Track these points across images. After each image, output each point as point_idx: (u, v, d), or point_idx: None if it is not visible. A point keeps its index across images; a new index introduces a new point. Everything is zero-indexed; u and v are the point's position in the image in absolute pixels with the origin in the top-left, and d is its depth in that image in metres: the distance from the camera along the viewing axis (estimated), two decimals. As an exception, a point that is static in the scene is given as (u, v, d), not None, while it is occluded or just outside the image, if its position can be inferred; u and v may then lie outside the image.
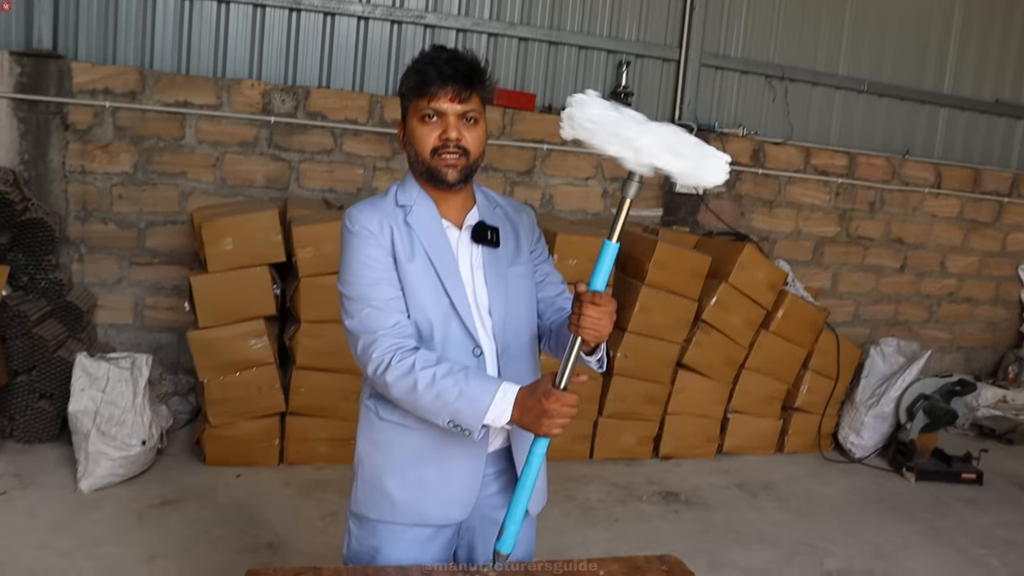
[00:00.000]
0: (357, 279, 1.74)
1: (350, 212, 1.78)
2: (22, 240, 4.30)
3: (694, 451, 4.85)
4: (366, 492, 1.86)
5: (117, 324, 4.86)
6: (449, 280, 1.77)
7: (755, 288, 4.74)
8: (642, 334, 4.59)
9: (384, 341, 1.70)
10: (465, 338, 1.79)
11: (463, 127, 1.76)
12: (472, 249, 1.84)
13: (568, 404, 1.63)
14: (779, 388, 4.96)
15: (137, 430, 3.85)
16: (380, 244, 1.74)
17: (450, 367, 1.67)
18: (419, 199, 1.81)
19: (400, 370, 1.67)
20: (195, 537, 3.46)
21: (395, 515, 1.83)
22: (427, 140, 1.75)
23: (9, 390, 4.12)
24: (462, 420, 1.66)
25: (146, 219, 4.78)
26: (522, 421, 1.65)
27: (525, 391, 1.66)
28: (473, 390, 1.65)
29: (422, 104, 1.74)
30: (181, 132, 4.75)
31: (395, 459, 1.83)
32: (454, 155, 1.75)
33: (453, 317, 1.78)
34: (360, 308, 1.74)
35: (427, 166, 1.77)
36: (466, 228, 1.84)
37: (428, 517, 1.83)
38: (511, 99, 5.24)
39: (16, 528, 3.41)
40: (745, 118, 5.85)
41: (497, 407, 1.65)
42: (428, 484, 1.82)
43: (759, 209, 5.80)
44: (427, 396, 1.66)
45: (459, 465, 1.82)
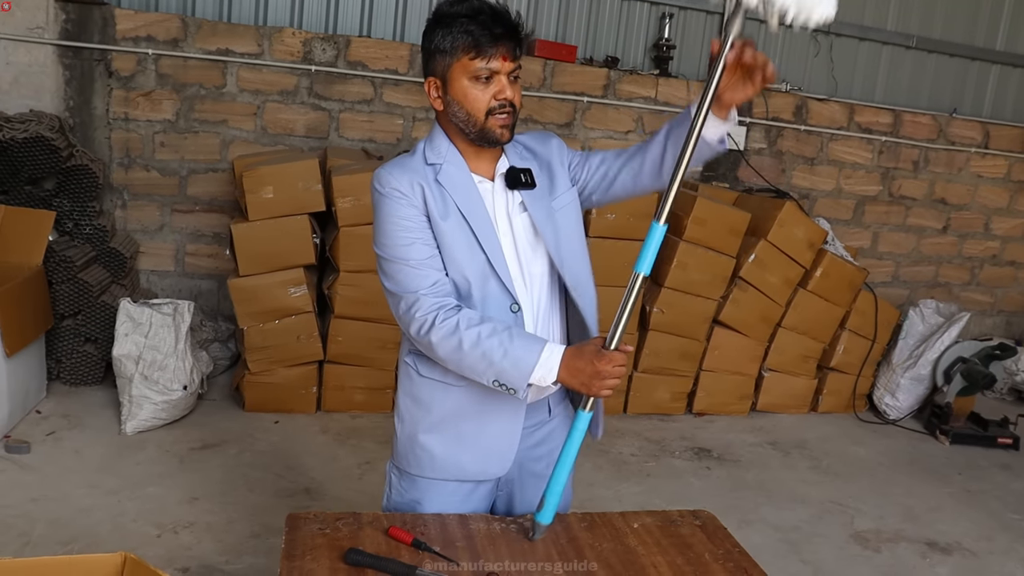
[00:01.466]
0: (392, 240, 1.74)
1: (379, 174, 1.77)
2: (67, 186, 4.35)
3: (728, 408, 4.86)
4: (406, 447, 1.89)
5: (159, 270, 4.94)
6: (484, 236, 1.77)
7: (794, 246, 4.69)
8: (679, 290, 4.58)
9: (426, 301, 1.71)
10: (503, 294, 1.79)
11: (511, 84, 1.75)
12: (508, 196, 1.83)
13: (618, 364, 1.64)
14: (815, 347, 4.93)
15: (179, 375, 3.93)
16: (412, 204, 1.73)
17: (494, 326, 1.68)
18: (448, 156, 1.79)
19: (444, 330, 1.68)
20: (234, 480, 3.55)
21: (434, 470, 1.87)
22: (482, 101, 1.72)
23: (55, 333, 4.22)
24: (507, 379, 1.67)
25: (187, 166, 4.82)
26: (570, 381, 1.67)
27: (572, 351, 1.67)
28: (518, 349, 1.66)
29: (476, 64, 1.70)
30: (222, 80, 4.76)
31: (434, 415, 1.85)
32: (507, 114, 1.74)
33: (490, 274, 1.78)
34: (398, 268, 1.74)
35: (480, 127, 1.74)
36: (498, 177, 1.83)
37: (467, 472, 1.86)
38: (552, 51, 5.17)
39: (65, 467, 3.53)
40: (788, 73, 5.73)
41: (543, 367, 1.66)
42: (467, 440, 1.85)
43: (800, 166, 5.70)
44: (472, 355, 1.67)
45: (498, 421, 1.84)
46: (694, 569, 1.73)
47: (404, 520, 1.82)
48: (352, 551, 1.64)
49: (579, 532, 1.83)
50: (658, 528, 1.89)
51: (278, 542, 3.05)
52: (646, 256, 1.65)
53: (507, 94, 1.73)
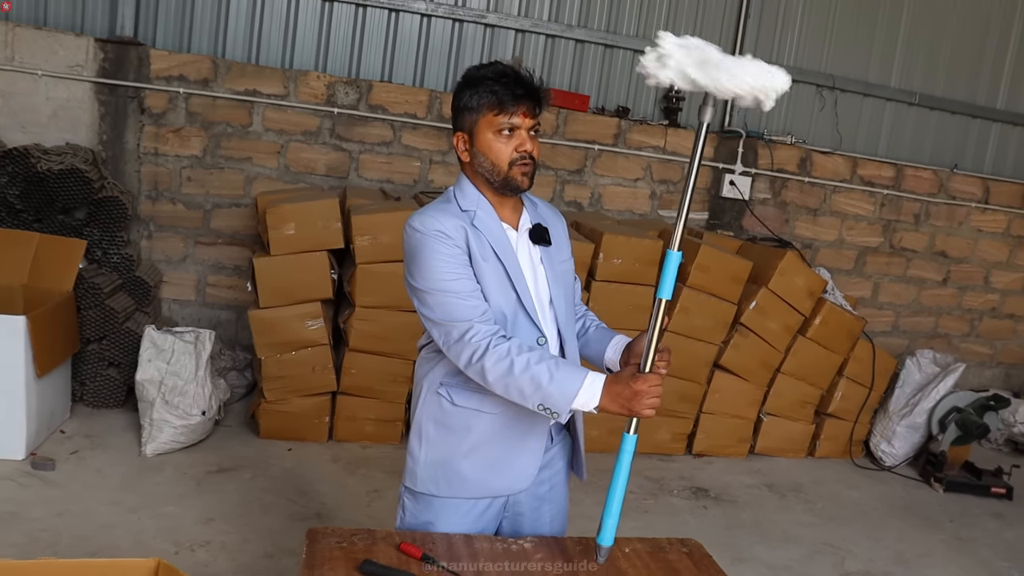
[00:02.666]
0: (438, 275, 1.90)
1: (420, 218, 1.94)
2: (98, 216, 4.56)
3: (726, 450, 4.99)
4: (433, 472, 2.03)
5: (180, 300, 5.13)
6: (515, 276, 1.96)
7: (794, 294, 4.85)
8: (681, 334, 4.73)
9: (480, 328, 1.87)
10: (531, 328, 1.98)
11: (531, 138, 1.96)
12: (530, 248, 2.03)
13: (654, 384, 1.81)
14: (813, 393, 5.07)
15: (198, 401, 4.10)
16: (456, 244, 1.91)
17: (541, 355, 1.85)
18: (480, 204, 1.99)
19: (497, 354, 1.84)
20: (248, 503, 3.70)
21: (465, 490, 2.02)
22: (504, 153, 1.94)
23: (81, 357, 4.40)
24: (551, 403, 1.83)
25: (212, 201, 5.04)
26: (612, 406, 1.82)
27: (612, 378, 1.84)
28: (563, 377, 1.82)
29: (500, 120, 1.92)
30: (249, 119, 4.99)
31: (469, 440, 2.01)
32: (527, 165, 1.96)
33: (520, 310, 1.97)
34: (446, 301, 1.90)
35: (504, 176, 1.95)
36: (523, 230, 2.03)
37: (495, 489, 2.04)
38: (565, 100, 5.40)
39: (88, 484, 3.68)
40: (794, 126, 5.94)
41: (586, 392, 1.82)
42: (497, 460, 2.02)
43: (803, 217, 5.89)
44: (522, 379, 1.82)
45: (524, 444, 2.02)
46: (680, 592, 1.87)
47: (415, 538, 1.97)
48: (367, 562, 1.79)
49: (574, 554, 1.97)
50: (648, 553, 2.04)
51: (290, 562, 3.23)
52: (665, 282, 1.82)
53: (527, 147, 1.94)
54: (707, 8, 5.71)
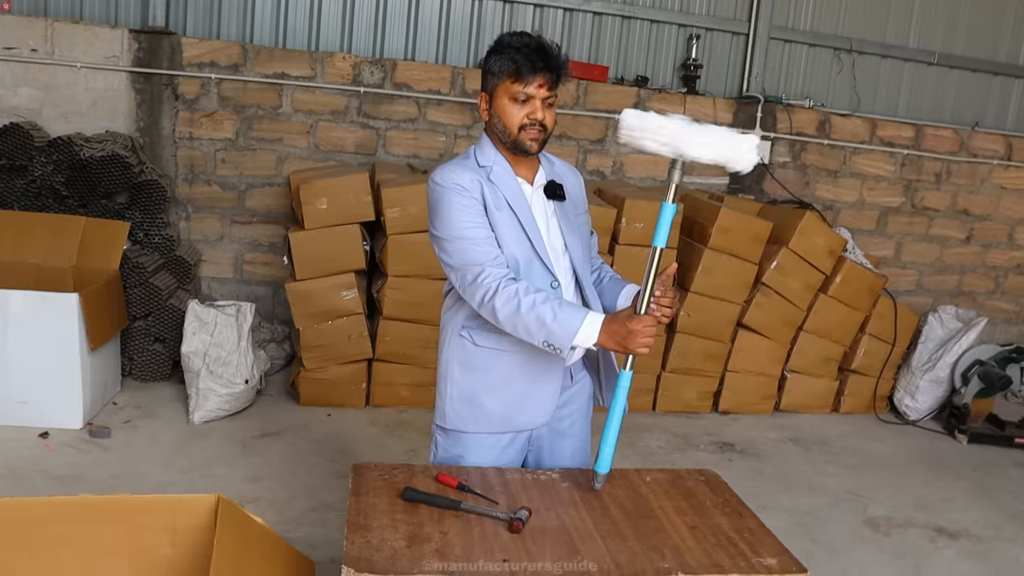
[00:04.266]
0: (456, 223, 2.08)
1: (441, 172, 2.12)
2: (138, 200, 4.77)
3: (752, 407, 5.11)
4: (460, 408, 2.21)
5: (219, 277, 5.34)
6: (529, 226, 2.12)
7: (815, 254, 4.95)
8: (704, 295, 4.85)
9: (492, 271, 2.04)
10: (544, 273, 2.14)
11: (545, 108, 2.11)
12: (544, 202, 2.18)
13: (649, 325, 1.96)
14: (836, 350, 5.17)
15: (241, 370, 4.30)
16: (473, 196, 2.08)
17: (548, 295, 2.01)
18: (497, 160, 2.16)
19: (507, 294, 2.01)
20: (292, 464, 3.90)
21: (489, 425, 2.20)
22: (516, 118, 2.10)
23: (128, 333, 4.62)
24: (555, 340, 1.99)
25: (246, 181, 5.23)
26: (609, 343, 1.98)
27: (610, 318, 1.99)
28: (566, 315, 1.98)
29: (515, 87, 2.07)
30: (278, 101, 5.16)
31: (491, 378, 2.19)
32: (536, 131, 2.11)
33: (534, 256, 2.13)
34: (462, 247, 2.07)
35: (513, 139, 2.12)
36: (537, 186, 2.19)
37: (518, 424, 2.20)
38: (585, 71, 5.51)
39: (142, 450, 3.91)
40: (812, 90, 6.01)
41: (585, 330, 1.98)
42: (518, 396, 2.19)
43: (824, 179, 5.96)
44: (528, 317, 1.99)
45: (543, 380, 2.18)
46: (695, 511, 2.03)
47: (450, 470, 2.14)
48: (408, 489, 1.96)
49: (599, 483, 2.13)
50: (667, 481, 2.19)
51: (334, 515, 3.43)
52: (660, 231, 1.97)
53: (537, 115, 2.10)
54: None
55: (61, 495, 3.26)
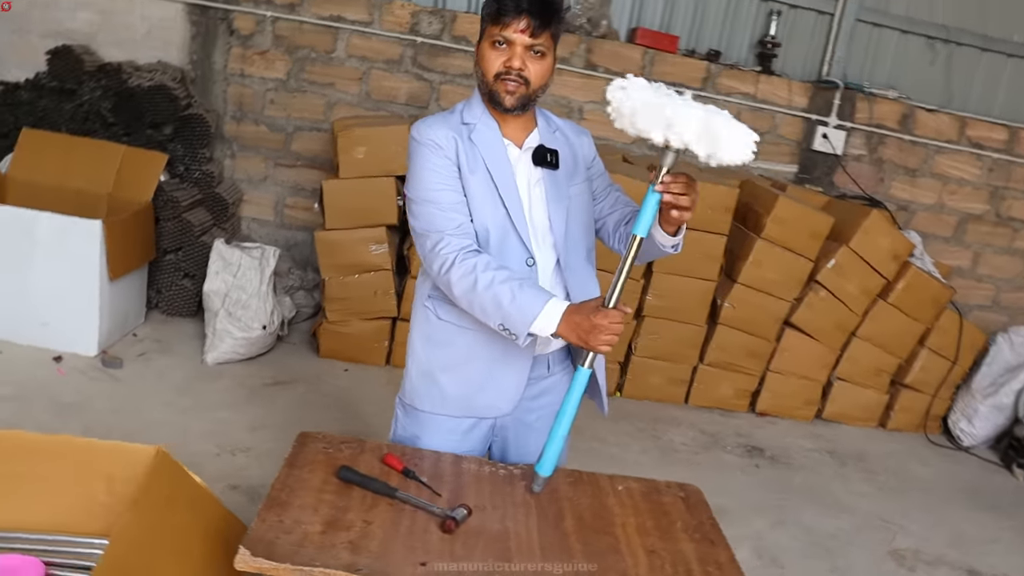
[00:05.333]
0: (424, 184, 1.89)
1: (418, 126, 1.93)
2: (182, 133, 4.71)
3: (791, 412, 4.82)
4: (419, 384, 2.05)
5: (259, 219, 5.27)
6: (507, 193, 1.91)
7: (877, 256, 4.59)
8: (752, 287, 4.56)
9: (451, 241, 1.85)
10: (520, 248, 1.93)
11: (529, 58, 1.88)
12: (530, 169, 1.96)
13: (614, 320, 1.74)
14: (890, 361, 4.82)
15: (259, 315, 4.22)
16: (446, 155, 1.89)
17: (509, 274, 1.81)
18: (483, 118, 1.94)
19: (463, 269, 1.81)
20: (296, 417, 3.80)
21: (446, 407, 2.02)
22: (492, 64, 1.88)
23: (158, 266, 4.58)
24: (511, 324, 1.79)
25: (294, 124, 5.12)
26: (569, 335, 1.77)
27: (574, 307, 1.78)
28: (526, 298, 1.78)
29: (494, 30, 1.86)
30: (333, 45, 5.02)
31: (451, 355, 2.00)
32: (515, 83, 1.88)
33: (509, 227, 1.91)
34: (427, 210, 1.89)
35: (489, 88, 1.91)
36: (526, 149, 1.97)
37: (476, 409, 2.01)
38: (653, 39, 5.21)
39: (149, 385, 3.86)
40: (898, 80, 5.56)
41: (544, 318, 1.77)
42: (479, 378, 1.99)
43: (901, 177, 5.53)
44: (484, 296, 1.79)
45: (508, 363, 1.98)
46: (661, 533, 1.81)
47: (403, 451, 1.97)
48: (344, 468, 1.80)
49: (562, 486, 1.93)
50: (641, 494, 1.98)
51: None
52: (641, 221, 1.75)
53: (514, 63, 1.87)
54: (812, -52, 5.38)
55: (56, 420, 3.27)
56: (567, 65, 5.10)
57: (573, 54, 5.12)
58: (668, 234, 1.85)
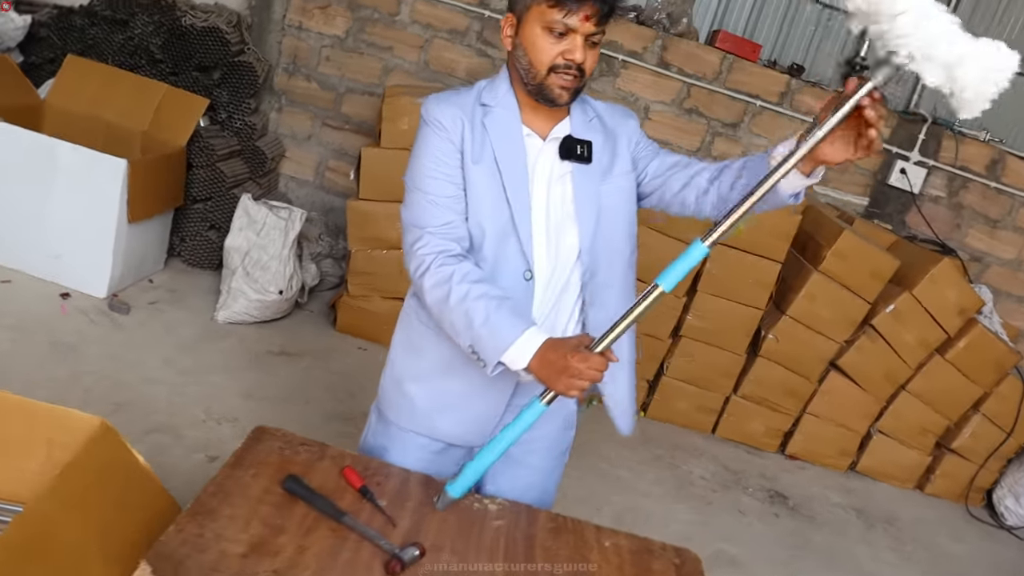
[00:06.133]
0: (420, 170, 1.67)
1: (428, 102, 1.69)
2: (230, 79, 4.53)
3: (824, 459, 4.49)
4: (390, 391, 1.84)
5: (298, 178, 5.08)
6: (514, 190, 1.65)
7: (941, 308, 4.23)
8: (801, 322, 4.24)
9: (431, 241, 1.62)
10: (519, 257, 1.67)
11: (587, 48, 1.62)
12: (554, 163, 1.70)
13: (595, 367, 1.49)
14: (938, 422, 4.46)
15: (278, 279, 4.03)
16: (450, 139, 1.65)
17: (487, 290, 1.56)
18: (504, 101, 1.69)
19: (438, 276, 1.59)
20: (296, 391, 3.61)
21: (412, 422, 1.79)
22: (547, 55, 1.61)
23: (184, 214, 4.42)
24: (480, 349, 1.56)
25: (346, 84, 4.92)
26: (540, 372, 1.53)
27: (552, 342, 1.53)
28: (501, 321, 1.54)
29: (553, 14, 1.58)
30: (397, 8, 4.79)
31: (424, 365, 1.77)
32: (572, 76, 1.62)
33: (511, 231, 1.66)
34: (417, 200, 1.67)
35: (539, 81, 1.64)
36: (551, 140, 1.71)
37: (441, 432, 1.78)
38: (735, 44, 4.87)
39: (151, 336, 3.70)
40: (993, 122, 5.14)
41: (519, 348, 1.53)
42: (451, 399, 1.76)
43: (980, 225, 5.13)
44: (455, 312, 1.57)
45: (486, 387, 1.73)
46: (643, 607, 1.56)
47: (368, 465, 1.74)
48: (292, 478, 1.58)
49: (541, 532, 1.68)
50: (630, 554, 1.72)
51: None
52: (672, 272, 1.48)
53: (576, 56, 1.60)
54: (923, -32, 4.97)
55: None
56: (639, 60, 4.80)
57: (647, 49, 4.82)
58: (804, 174, 1.51)
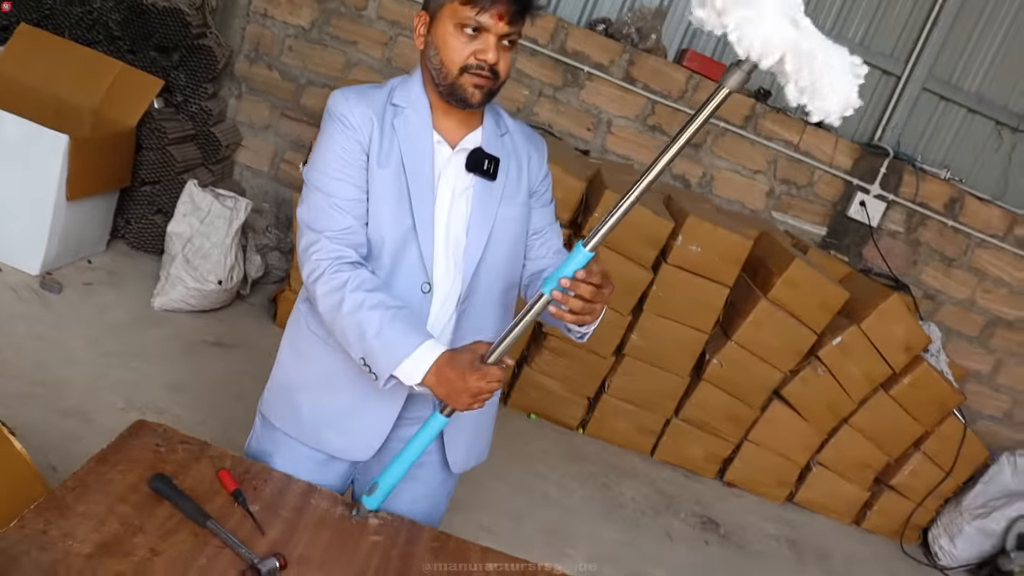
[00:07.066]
0: (322, 167, 1.59)
1: (336, 95, 1.62)
2: (188, 62, 4.44)
3: (761, 488, 4.46)
4: (276, 397, 1.77)
5: (253, 167, 5.00)
6: (418, 198, 1.59)
7: (888, 343, 4.22)
8: (746, 348, 4.21)
9: (326, 246, 1.54)
10: (418, 268, 1.61)
11: (501, 48, 1.56)
12: (459, 174, 1.64)
13: (492, 380, 1.46)
14: (878, 458, 4.44)
15: (217, 269, 3.94)
16: (356, 138, 1.57)
17: (382, 300, 1.50)
18: (416, 103, 1.62)
19: (331, 284, 1.52)
20: (226, 385, 3.52)
21: (298, 431, 1.72)
22: (460, 54, 1.55)
23: (131, 196, 4.32)
24: (373, 361, 1.50)
25: (308, 76, 4.84)
26: (438, 389, 1.49)
27: (448, 356, 1.48)
28: (395, 334, 1.48)
29: (465, 12, 1.52)
30: (364, 3, 4.73)
31: (311, 373, 1.70)
32: (484, 77, 1.56)
33: (412, 240, 1.60)
34: (317, 200, 1.58)
35: (451, 81, 1.57)
36: (460, 150, 1.64)
37: (327, 445, 1.71)
38: (703, 64, 4.85)
39: (81, 318, 3.60)
40: (954, 161, 5.16)
41: (413, 362, 1.48)
42: (338, 411, 1.69)
43: (935, 263, 5.13)
44: (348, 322, 1.50)
45: (375, 400, 1.66)
46: (516, 635, 1.50)
47: (249, 469, 1.67)
48: (159, 477, 1.50)
49: (421, 551, 1.61)
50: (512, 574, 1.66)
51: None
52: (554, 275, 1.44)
53: (489, 56, 1.54)
54: (889, 6, 4.97)
55: None
56: (605, 74, 4.76)
57: (613, 63, 4.79)
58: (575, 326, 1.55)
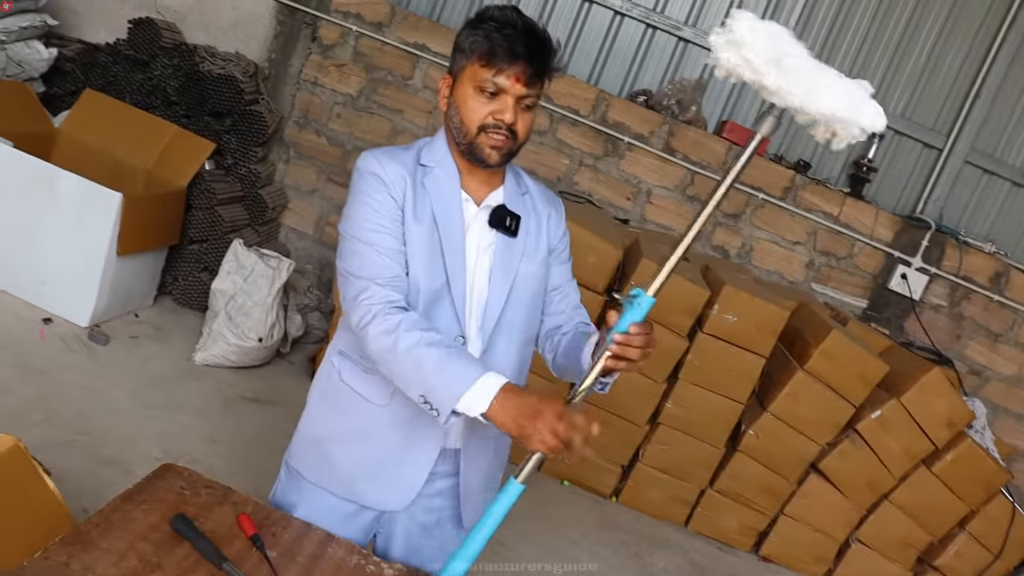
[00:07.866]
0: (362, 222, 1.63)
1: (366, 156, 1.68)
2: (240, 126, 4.63)
3: (798, 564, 4.34)
4: (306, 449, 1.80)
5: (298, 230, 5.13)
6: (451, 254, 1.64)
7: (930, 418, 4.13)
8: (783, 420, 4.15)
9: (378, 291, 1.58)
10: (452, 321, 1.65)
11: (519, 110, 1.62)
12: (483, 231, 1.69)
13: (578, 425, 1.41)
14: (921, 537, 4.30)
15: (258, 327, 4.03)
16: (391, 194, 1.63)
17: (439, 338, 1.53)
18: (443, 163, 1.68)
19: (385, 325, 1.54)
20: (261, 440, 3.56)
21: (330, 482, 1.75)
22: (478, 114, 1.62)
23: (180, 253, 4.46)
24: (434, 397, 1.50)
25: (354, 142, 4.99)
26: (504, 417, 1.45)
27: (513, 386, 1.48)
28: (455, 367, 1.49)
29: (484, 74, 1.60)
30: (411, 73, 4.89)
31: (346, 427, 1.74)
32: (502, 137, 1.62)
33: (445, 294, 1.64)
34: (362, 251, 1.62)
35: (469, 140, 1.64)
36: (484, 207, 1.70)
37: (362, 496, 1.73)
38: (741, 136, 4.90)
39: (125, 370, 3.69)
40: (999, 234, 5.11)
41: (475, 394, 1.47)
42: (373, 462, 1.72)
43: (980, 338, 5.04)
44: (405, 360, 1.51)
45: (411, 453, 1.69)
46: None
47: (269, 515, 1.69)
48: (179, 518, 1.54)
49: (436, 600, 1.62)
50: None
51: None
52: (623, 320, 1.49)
53: (506, 116, 1.61)
54: (931, 78, 5.00)
55: None
56: (645, 144, 4.84)
57: (653, 134, 4.87)
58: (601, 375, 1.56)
